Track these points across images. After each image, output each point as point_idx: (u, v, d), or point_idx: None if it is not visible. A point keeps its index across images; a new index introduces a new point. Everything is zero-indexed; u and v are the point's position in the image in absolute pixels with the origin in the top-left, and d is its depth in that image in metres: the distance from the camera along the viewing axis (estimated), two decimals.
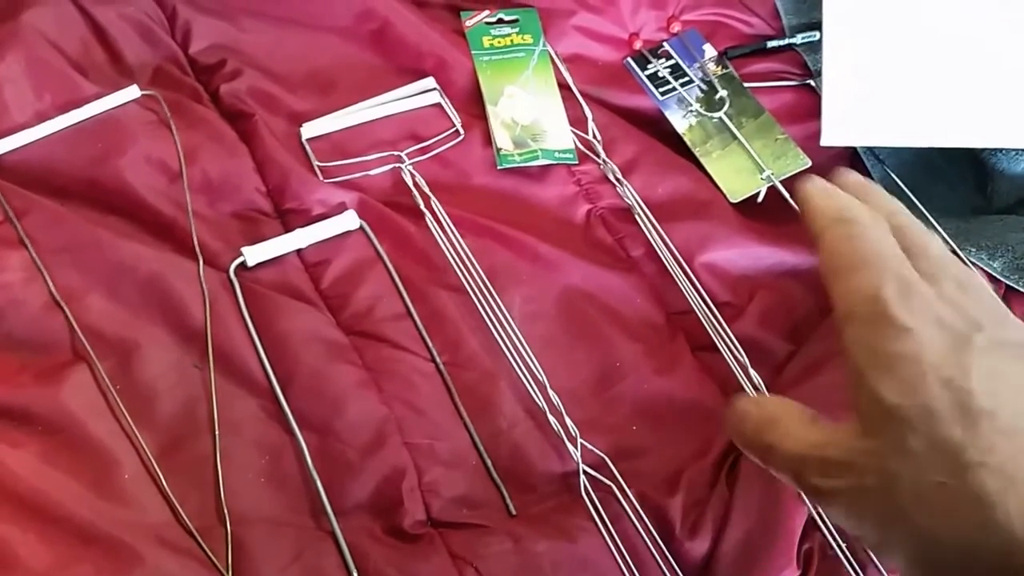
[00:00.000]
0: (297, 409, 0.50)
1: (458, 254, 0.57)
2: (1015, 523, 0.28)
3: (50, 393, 0.48)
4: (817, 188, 0.38)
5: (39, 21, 0.59)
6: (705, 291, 0.58)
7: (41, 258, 0.52)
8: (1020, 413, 0.30)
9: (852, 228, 0.36)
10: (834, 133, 0.63)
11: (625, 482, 0.50)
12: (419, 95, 0.63)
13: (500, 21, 0.67)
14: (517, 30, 0.67)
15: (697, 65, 0.68)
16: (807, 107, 0.67)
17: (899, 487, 0.31)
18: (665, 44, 0.69)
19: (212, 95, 0.61)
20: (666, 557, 0.49)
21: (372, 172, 0.60)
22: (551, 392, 0.52)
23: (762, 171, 0.63)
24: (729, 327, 0.56)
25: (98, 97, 0.58)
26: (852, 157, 0.67)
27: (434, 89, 0.64)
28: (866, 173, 0.66)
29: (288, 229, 0.57)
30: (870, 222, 0.36)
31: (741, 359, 0.55)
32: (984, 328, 0.32)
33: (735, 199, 0.62)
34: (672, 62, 0.68)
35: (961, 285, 0.34)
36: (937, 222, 0.61)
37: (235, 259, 0.55)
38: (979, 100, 0.63)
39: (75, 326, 0.51)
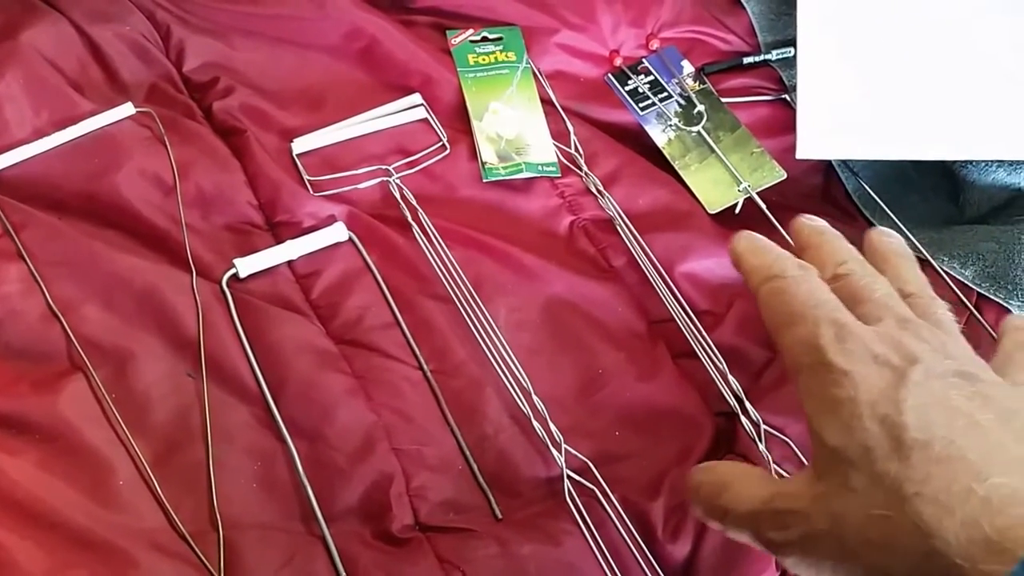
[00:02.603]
0: (288, 416, 0.51)
1: (445, 265, 0.57)
2: (954, 549, 0.28)
3: (47, 402, 0.48)
4: (746, 246, 0.40)
5: (37, 40, 0.59)
6: (685, 300, 0.58)
7: (38, 270, 0.53)
8: (952, 440, 0.30)
9: (782, 283, 0.37)
10: (809, 146, 0.64)
11: (608, 487, 0.50)
12: (406, 111, 0.64)
13: (484, 39, 0.68)
14: (501, 48, 0.68)
15: (675, 81, 0.69)
16: (782, 121, 0.68)
17: (847, 526, 0.31)
18: (644, 61, 0.70)
19: (205, 112, 0.62)
20: (648, 560, 0.49)
21: (361, 185, 0.60)
22: (536, 399, 0.53)
23: (739, 183, 0.64)
24: (708, 335, 0.57)
25: (94, 114, 0.58)
26: (827, 169, 0.68)
27: (421, 105, 0.64)
28: (841, 185, 0.67)
29: (279, 241, 0.57)
30: (799, 274, 0.37)
31: (720, 366, 0.55)
32: (921, 361, 0.33)
33: (713, 210, 0.63)
34: (651, 78, 0.69)
35: (902, 321, 0.35)
36: (910, 232, 0.62)
37: (227, 271, 0.55)
38: (951, 114, 0.64)
39: (72, 336, 0.51)
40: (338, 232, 0.57)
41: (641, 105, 0.68)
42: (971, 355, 0.36)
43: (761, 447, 0.52)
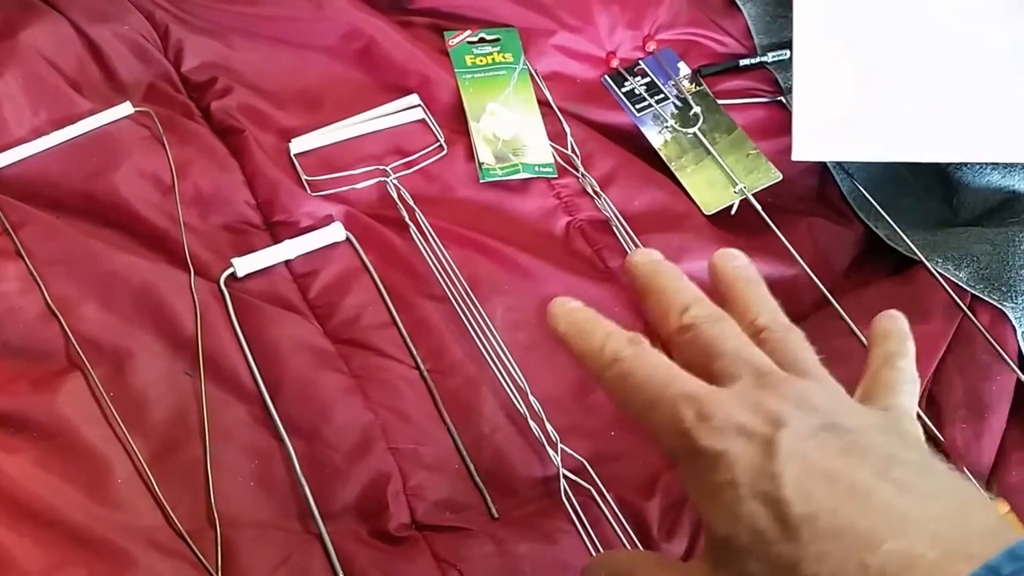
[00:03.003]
0: (285, 415, 0.51)
1: (442, 265, 0.57)
2: None
3: (45, 400, 0.48)
4: (568, 328, 0.37)
5: (36, 40, 0.59)
6: None
7: (37, 269, 0.53)
8: (836, 509, 0.29)
9: (620, 367, 0.35)
10: (804, 148, 0.64)
11: (604, 486, 0.51)
12: (404, 111, 0.64)
13: (482, 40, 0.68)
14: (498, 49, 0.68)
15: (672, 83, 0.69)
16: (778, 123, 0.68)
17: None
18: (641, 62, 0.70)
19: (203, 111, 0.62)
20: None
21: (358, 186, 0.60)
22: (532, 399, 0.53)
23: (735, 185, 0.65)
24: None
25: (93, 113, 0.59)
26: (822, 171, 0.68)
27: (418, 106, 0.64)
28: (836, 186, 0.68)
29: (277, 241, 0.57)
30: (635, 351, 0.35)
31: None
32: (786, 422, 0.31)
33: (709, 212, 0.63)
34: (648, 80, 0.69)
35: (759, 376, 0.33)
36: (905, 233, 0.62)
37: (225, 270, 0.55)
38: (945, 116, 0.64)
39: (70, 335, 0.51)
40: (335, 232, 0.57)
41: (638, 107, 0.68)
42: (833, 394, 0.34)
43: None
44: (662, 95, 0.69)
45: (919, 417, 0.55)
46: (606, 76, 0.70)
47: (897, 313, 0.40)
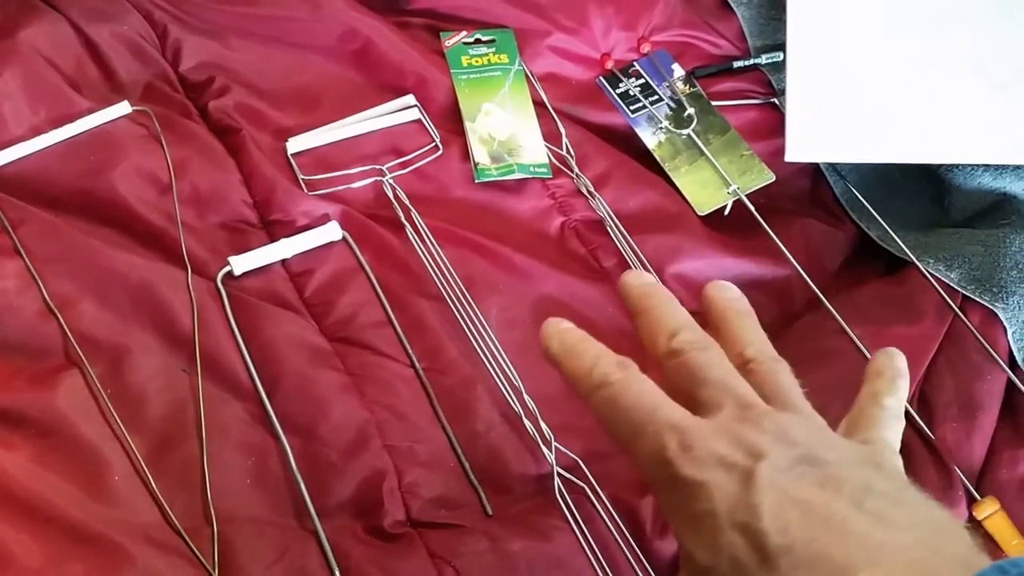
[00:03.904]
0: (282, 413, 0.51)
1: (437, 264, 0.58)
2: None
3: (43, 397, 0.49)
4: (559, 349, 0.38)
5: (35, 39, 0.59)
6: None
7: (35, 267, 0.53)
8: (813, 539, 0.30)
9: (609, 391, 0.35)
10: (797, 150, 0.65)
11: (598, 484, 0.51)
12: (400, 111, 0.64)
13: (478, 41, 0.68)
14: (494, 50, 0.68)
15: (666, 84, 0.70)
16: (771, 124, 0.68)
17: None
18: (636, 64, 0.70)
19: (201, 111, 0.62)
20: (637, 556, 0.49)
21: (355, 185, 0.61)
22: (527, 397, 0.53)
23: (728, 185, 0.65)
24: None
25: (91, 112, 0.59)
26: (815, 173, 0.68)
27: (414, 106, 0.64)
28: (828, 188, 0.68)
29: (273, 239, 0.57)
30: (623, 376, 0.35)
31: None
32: (765, 455, 0.32)
33: (702, 212, 0.64)
34: (642, 81, 0.70)
35: (741, 408, 0.34)
36: (897, 234, 0.63)
37: (222, 268, 0.55)
38: (937, 119, 0.65)
39: (68, 332, 0.51)
40: (332, 231, 0.58)
41: (632, 108, 0.68)
42: (814, 429, 0.35)
43: None
44: (656, 96, 0.69)
45: (910, 416, 0.56)
46: (601, 77, 0.70)
47: (895, 351, 0.40)
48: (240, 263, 0.56)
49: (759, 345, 0.38)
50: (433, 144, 0.63)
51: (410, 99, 0.65)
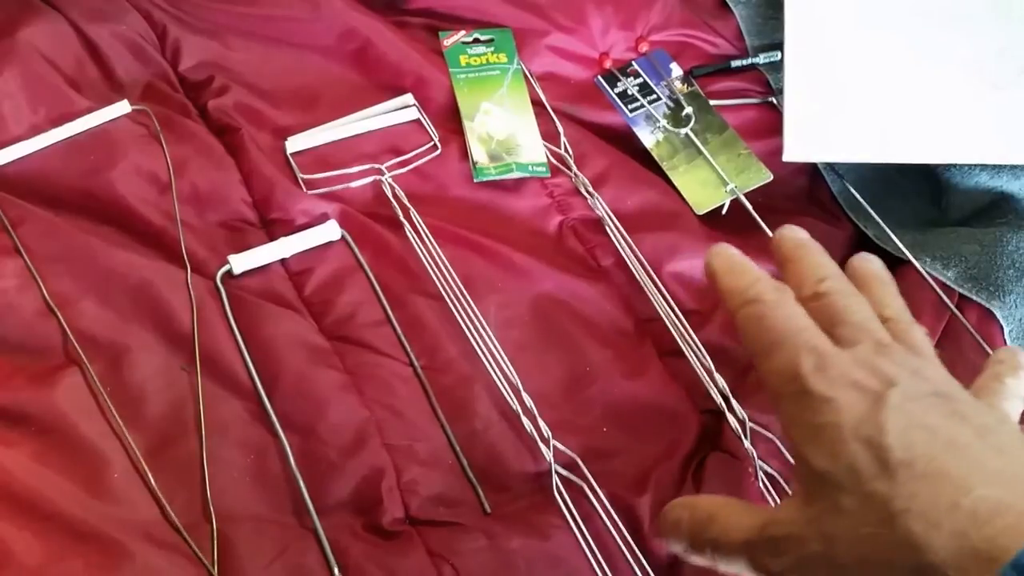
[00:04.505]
0: (281, 411, 0.51)
1: (436, 263, 0.58)
2: (945, 561, 0.29)
3: (43, 395, 0.49)
4: (720, 264, 0.39)
5: (35, 38, 0.60)
6: (672, 299, 0.59)
7: (35, 265, 0.53)
8: (934, 457, 0.31)
9: (759, 308, 0.37)
10: (795, 149, 0.65)
11: (596, 482, 0.51)
12: (399, 111, 0.64)
13: (476, 41, 0.68)
14: (492, 49, 0.68)
15: (664, 83, 0.70)
16: (769, 124, 0.69)
17: (839, 547, 0.32)
18: (634, 63, 0.71)
19: (200, 110, 0.62)
20: (635, 554, 0.50)
21: (353, 184, 0.61)
22: (525, 395, 0.53)
23: (726, 184, 0.65)
24: (695, 334, 0.57)
25: (91, 111, 0.59)
26: (812, 172, 0.68)
27: (413, 105, 0.65)
28: (826, 187, 0.68)
29: (273, 238, 0.58)
30: (776, 298, 0.37)
31: (707, 364, 0.56)
32: (898, 383, 0.33)
33: (700, 211, 0.64)
34: (640, 80, 0.70)
35: (878, 345, 0.35)
36: (894, 233, 0.63)
37: (222, 267, 0.55)
38: (934, 118, 0.65)
39: (68, 331, 0.51)
40: (331, 230, 0.58)
41: (630, 107, 0.69)
42: (946, 376, 0.36)
43: (746, 443, 0.53)
44: (654, 96, 0.69)
45: None
46: (599, 77, 0.70)
47: (1018, 349, 0.42)
48: (239, 262, 0.56)
49: (898, 309, 0.39)
50: (432, 143, 0.63)
51: (409, 98, 0.65)
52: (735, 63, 0.71)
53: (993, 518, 0.29)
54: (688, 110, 0.68)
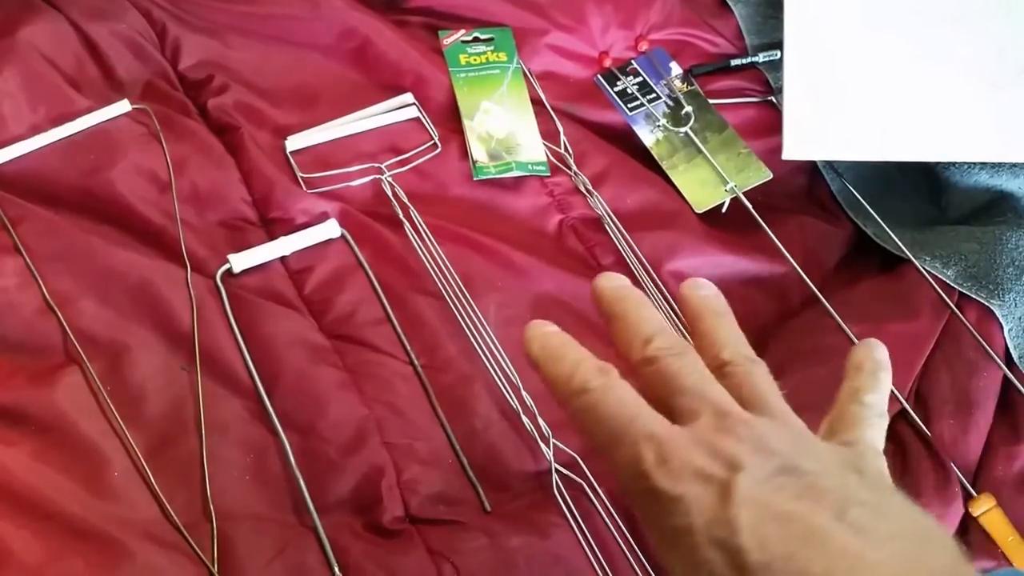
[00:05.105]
0: (281, 410, 0.51)
1: (436, 262, 0.58)
2: None
3: (43, 394, 0.49)
4: (539, 352, 0.37)
5: (35, 37, 0.59)
6: (672, 297, 0.59)
7: (35, 264, 0.53)
8: (792, 555, 0.30)
9: (588, 398, 0.35)
10: (795, 148, 0.65)
11: (596, 480, 0.51)
12: (398, 110, 0.64)
13: (476, 40, 0.68)
14: (492, 48, 0.68)
15: (664, 82, 0.70)
16: (769, 122, 0.69)
17: None
18: (633, 62, 0.71)
19: (200, 109, 0.62)
20: (635, 552, 0.49)
21: (353, 183, 0.61)
22: (525, 394, 0.53)
23: (726, 183, 0.65)
24: None
25: (91, 111, 0.59)
26: (811, 170, 0.69)
27: (413, 104, 0.65)
28: (825, 185, 0.68)
29: (272, 237, 0.58)
30: (603, 383, 0.35)
31: None
32: (743, 466, 0.31)
33: (700, 210, 0.64)
34: (640, 79, 0.70)
35: (718, 416, 0.33)
36: (893, 232, 0.63)
37: (221, 266, 0.55)
38: (934, 117, 0.65)
39: (67, 330, 0.51)
40: (330, 229, 0.58)
41: (630, 106, 0.69)
42: (794, 437, 0.34)
43: None
44: (654, 94, 0.69)
45: (906, 413, 0.56)
46: (599, 75, 0.70)
47: (875, 342, 0.39)
48: (239, 261, 0.56)
49: (735, 346, 0.37)
50: (431, 142, 0.63)
51: (408, 97, 0.65)
52: (735, 62, 0.71)
53: None
54: (688, 109, 0.69)
